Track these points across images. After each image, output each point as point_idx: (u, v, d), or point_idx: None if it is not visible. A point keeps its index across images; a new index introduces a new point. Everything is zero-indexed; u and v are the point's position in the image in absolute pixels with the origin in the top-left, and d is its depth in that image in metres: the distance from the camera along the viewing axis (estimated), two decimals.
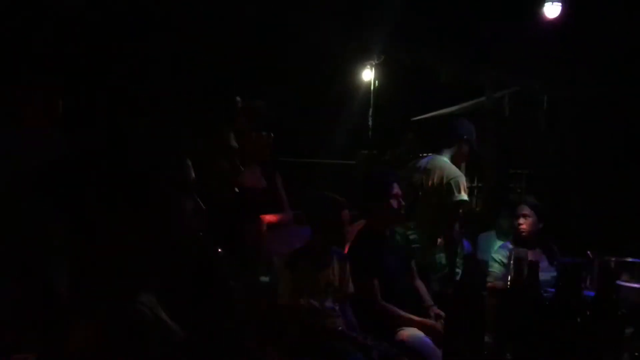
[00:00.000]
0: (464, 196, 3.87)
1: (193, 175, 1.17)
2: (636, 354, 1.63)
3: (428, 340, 2.88)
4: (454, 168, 3.90)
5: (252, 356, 2.04)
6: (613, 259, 3.14)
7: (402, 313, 3.02)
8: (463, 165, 4.43)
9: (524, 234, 3.72)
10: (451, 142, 3.99)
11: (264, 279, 2.92)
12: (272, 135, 3.21)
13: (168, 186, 1.11)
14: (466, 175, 9.00)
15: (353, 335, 2.82)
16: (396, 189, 3.20)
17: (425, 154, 4.16)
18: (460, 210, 4.01)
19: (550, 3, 5.29)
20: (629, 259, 3.13)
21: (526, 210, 3.77)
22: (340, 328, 2.89)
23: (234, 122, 2.93)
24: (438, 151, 4.02)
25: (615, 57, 5.31)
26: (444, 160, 3.92)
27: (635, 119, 6.09)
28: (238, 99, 3.09)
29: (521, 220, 3.74)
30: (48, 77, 2.50)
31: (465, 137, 3.99)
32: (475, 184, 8.99)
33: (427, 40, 5.77)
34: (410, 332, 2.93)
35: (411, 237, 3.61)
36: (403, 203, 3.21)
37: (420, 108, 9.75)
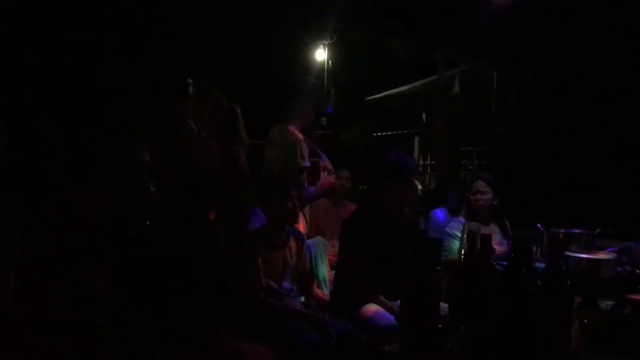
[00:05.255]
0: None
1: (147, 157, 1.14)
2: (585, 321, 1.69)
3: (387, 315, 2.77)
4: None
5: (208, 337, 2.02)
6: (562, 231, 3.25)
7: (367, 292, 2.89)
8: (416, 143, 4.44)
9: (480, 209, 3.76)
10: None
11: None
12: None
13: (116, 166, 1.08)
14: (419, 153, 9.06)
15: (310, 314, 2.82)
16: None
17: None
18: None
19: None
20: (577, 231, 3.24)
21: (483, 186, 3.81)
22: (298, 307, 2.90)
23: (187, 103, 2.86)
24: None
25: (561, 34, 5.42)
26: None
27: (582, 95, 6.25)
28: (189, 80, 3.01)
29: (478, 196, 3.77)
30: None
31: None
32: (428, 162, 9.11)
33: (379, 18, 5.76)
34: (371, 308, 2.88)
35: None
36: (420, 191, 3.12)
37: (375, 87, 9.75)
